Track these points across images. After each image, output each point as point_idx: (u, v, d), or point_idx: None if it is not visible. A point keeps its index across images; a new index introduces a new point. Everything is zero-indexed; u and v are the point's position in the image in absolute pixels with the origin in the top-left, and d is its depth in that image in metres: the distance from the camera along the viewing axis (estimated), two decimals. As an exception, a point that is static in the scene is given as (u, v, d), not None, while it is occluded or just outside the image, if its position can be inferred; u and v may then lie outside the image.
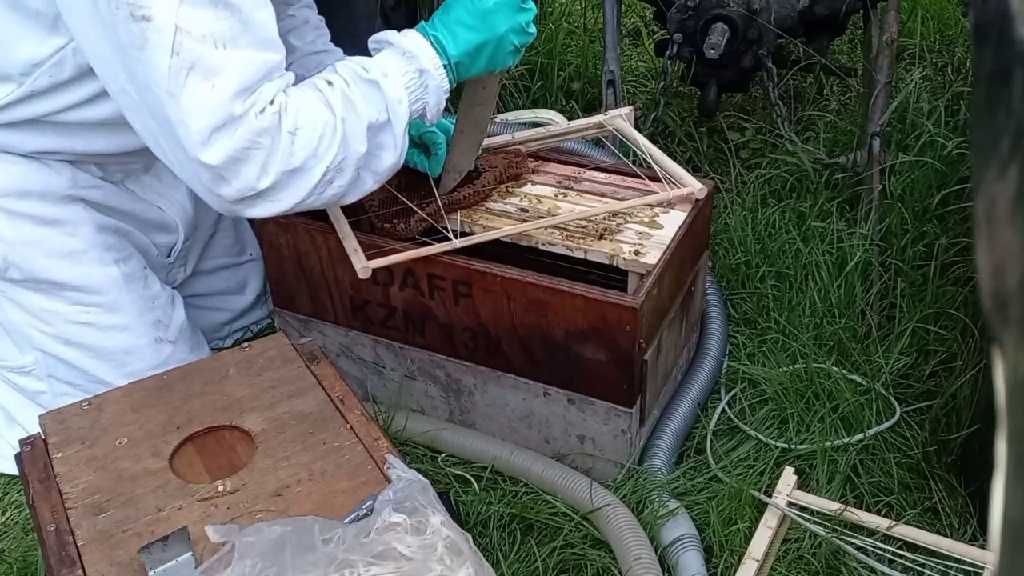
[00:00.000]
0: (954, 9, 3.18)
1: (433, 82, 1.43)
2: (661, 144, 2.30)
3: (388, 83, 1.39)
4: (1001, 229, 0.38)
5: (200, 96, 1.25)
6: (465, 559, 1.00)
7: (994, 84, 0.40)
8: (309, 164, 1.34)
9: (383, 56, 1.43)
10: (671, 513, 1.51)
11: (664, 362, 1.66)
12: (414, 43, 1.43)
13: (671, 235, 1.60)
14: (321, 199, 1.40)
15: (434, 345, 1.66)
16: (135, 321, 1.66)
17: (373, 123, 1.38)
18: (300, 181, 1.35)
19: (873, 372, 1.81)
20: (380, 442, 1.24)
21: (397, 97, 1.40)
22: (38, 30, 1.40)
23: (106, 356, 1.66)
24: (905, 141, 2.29)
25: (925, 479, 1.62)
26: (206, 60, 1.25)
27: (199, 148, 1.27)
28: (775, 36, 2.37)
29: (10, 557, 1.56)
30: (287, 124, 1.31)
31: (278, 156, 1.31)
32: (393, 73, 1.41)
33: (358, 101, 1.37)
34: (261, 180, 1.32)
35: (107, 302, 1.64)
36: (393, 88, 1.40)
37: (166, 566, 1.03)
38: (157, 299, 1.71)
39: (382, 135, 1.40)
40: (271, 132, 1.30)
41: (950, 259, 2.01)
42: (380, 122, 1.39)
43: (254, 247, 2.06)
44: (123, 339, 1.66)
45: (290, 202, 1.37)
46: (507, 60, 1.49)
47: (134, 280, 1.67)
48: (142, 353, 1.67)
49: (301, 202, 1.38)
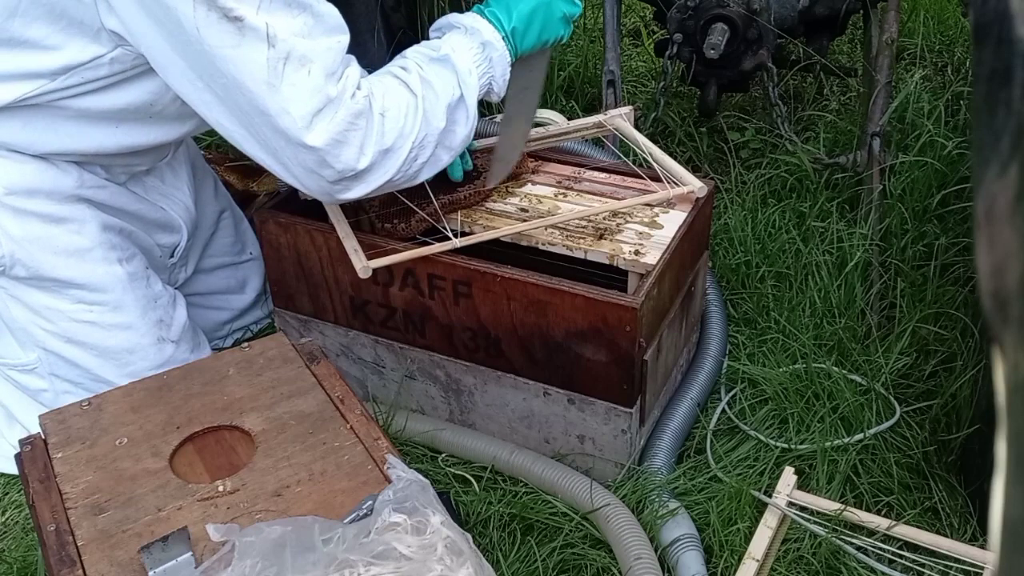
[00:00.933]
0: (954, 9, 3.18)
1: (496, 53, 1.52)
2: (661, 144, 2.30)
3: (457, 58, 1.49)
4: (1001, 229, 0.38)
5: (299, 83, 1.33)
6: (465, 559, 1.00)
7: (994, 84, 0.40)
8: (398, 143, 1.43)
9: (448, 37, 1.53)
10: (671, 513, 1.51)
11: (664, 362, 1.66)
12: (474, 20, 1.53)
13: (671, 235, 1.60)
14: (407, 176, 1.48)
15: (434, 345, 1.66)
16: (138, 320, 1.67)
17: (450, 100, 1.48)
18: (391, 160, 1.44)
19: (873, 372, 1.81)
20: (380, 442, 1.24)
21: (467, 69, 1.49)
22: (80, 38, 1.41)
23: (108, 355, 1.66)
24: (905, 141, 2.29)
25: (925, 479, 1.62)
26: (298, 50, 1.33)
27: (303, 132, 1.35)
28: (775, 36, 2.37)
29: (10, 557, 1.56)
30: (377, 107, 1.40)
31: (373, 137, 1.40)
32: (460, 49, 1.50)
33: (434, 80, 1.47)
34: (360, 160, 1.40)
35: (111, 301, 1.64)
36: (462, 62, 1.49)
37: (166, 566, 1.03)
38: (159, 299, 1.71)
39: (458, 110, 1.49)
40: (365, 114, 1.38)
41: (950, 259, 2.01)
42: (455, 98, 1.48)
43: (254, 246, 2.07)
44: (126, 338, 1.66)
45: (381, 180, 1.45)
46: (558, 29, 1.57)
47: (137, 279, 1.67)
48: (144, 352, 1.67)
49: (391, 180, 1.46)
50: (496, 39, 1.52)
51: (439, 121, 1.46)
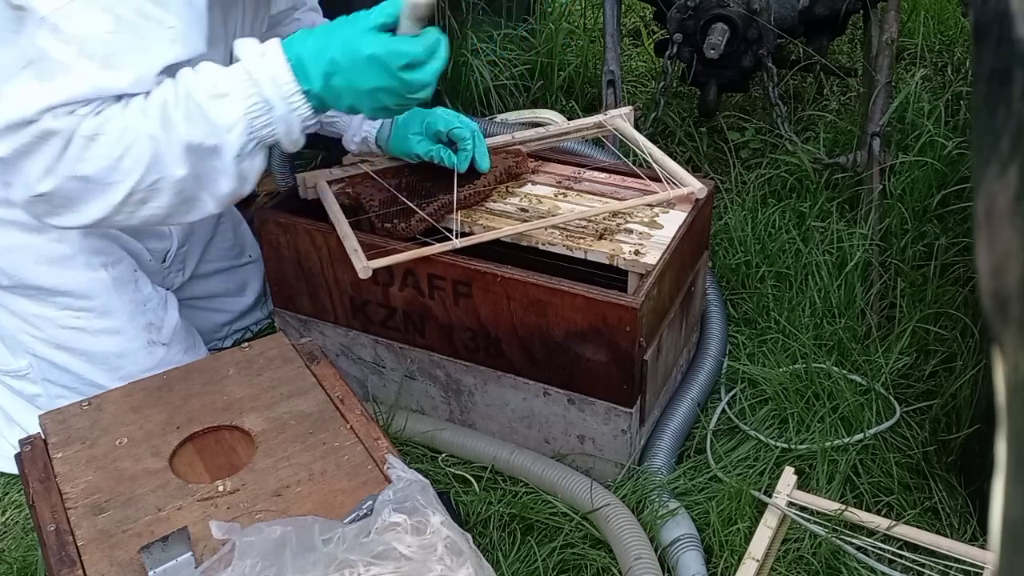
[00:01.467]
0: (954, 9, 3.18)
1: (281, 112, 1.29)
2: (661, 144, 2.30)
3: (219, 107, 1.26)
4: (1001, 229, 0.38)
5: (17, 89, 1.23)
6: (465, 559, 1.00)
7: (994, 84, 0.40)
8: (109, 177, 1.26)
9: (232, 72, 1.29)
10: (671, 513, 1.51)
11: (664, 362, 1.66)
12: (266, 65, 1.28)
13: (671, 235, 1.60)
14: (136, 218, 1.32)
15: (434, 345, 1.66)
16: (126, 324, 1.66)
17: (194, 144, 1.27)
18: (100, 195, 1.28)
19: (873, 372, 1.81)
20: (380, 442, 1.24)
21: (227, 124, 1.27)
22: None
23: (98, 360, 1.65)
24: (905, 141, 2.29)
25: (925, 479, 1.62)
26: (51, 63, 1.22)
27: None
28: (775, 36, 2.36)
29: (10, 557, 1.56)
30: (86, 128, 1.24)
31: (65, 160, 1.24)
32: (234, 94, 1.27)
33: (178, 120, 1.26)
34: (42, 182, 1.25)
35: (97, 306, 1.63)
36: (225, 113, 1.27)
37: (166, 566, 1.03)
38: (149, 302, 1.70)
39: (209, 162, 1.29)
40: (63, 135, 1.23)
41: (950, 259, 2.01)
42: (206, 146, 1.27)
43: (253, 249, 2.06)
44: (115, 342, 1.66)
45: (95, 215, 1.30)
46: (378, 115, 1.37)
47: (123, 284, 1.65)
48: (135, 356, 1.67)
49: (108, 217, 1.31)
50: (286, 96, 1.28)
51: (177, 168, 1.27)
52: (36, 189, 1.27)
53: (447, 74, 2.55)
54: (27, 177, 1.26)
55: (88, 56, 1.22)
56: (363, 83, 1.30)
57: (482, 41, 2.59)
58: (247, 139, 1.29)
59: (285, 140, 1.33)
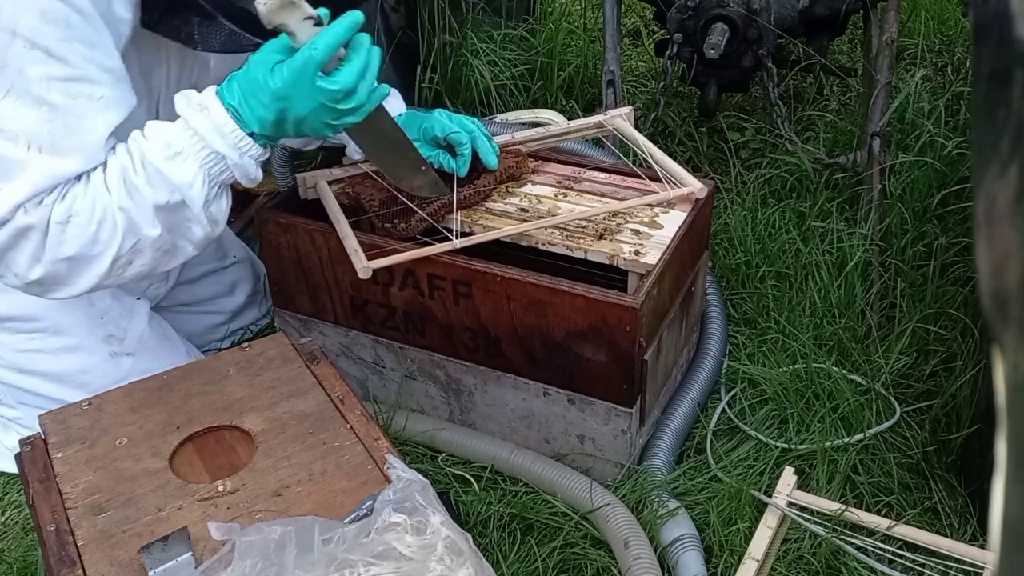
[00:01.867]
0: (954, 9, 3.18)
1: (234, 159, 1.34)
2: (661, 144, 2.30)
3: (175, 166, 1.32)
4: (1001, 229, 0.38)
5: None
6: (465, 559, 1.00)
7: (994, 84, 0.40)
8: (91, 251, 1.33)
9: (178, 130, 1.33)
10: (671, 513, 1.51)
11: (664, 362, 1.66)
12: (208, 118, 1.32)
13: (671, 235, 1.60)
14: (125, 278, 1.40)
15: (434, 345, 1.66)
16: (84, 339, 1.66)
17: (161, 205, 1.33)
18: (88, 267, 1.35)
19: (873, 372, 1.81)
20: (380, 442, 1.24)
21: (187, 182, 1.32)
22: None
23: (63, 379, 1.65)
24: (905, 141, 2.29)
25: (925, 479, 1.62)
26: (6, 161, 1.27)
27: None
28: (775, 36, 2.36)
29: (10, 557, 1.56)
30: (57, 215, 1.30)
31: (48, 248, 1.31)
32: (186, 151, 1.32)
33: (141, 186, 1.32)
34: (32, 270, 1.33)
35: (48, 326, 1.63)
36: (182, 171, 1.32)
37: (166, 566, 1.03)
38: (107, 314, 1.69)
39: (180, 214, 1.35)
40: (39, 227, 1.30)
41: (950, 259, 2.01)
42: (172, 203, 1.33)
43: (238, 250, 2.06)
44: (75, 359, 1.65)
45: (86, 285, 1.37)
46: (319, 132, 1.36)
47: (74, 301, 1.63)
48: (100, 369, 1.66)
49: (100, 284, 1.38)
50: (232, 144, 1.32)
51: (150, 229, 1.33)
52: (28, 278, 1.34)
53: (447, 74, 2.55)
54: (17, 269, 1.33)
55: (37, 148, 1.28)
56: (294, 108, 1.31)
57: (482, 41, 2.59)
58: (209, 188, 1.35)
59: (244, 180, 1.38)
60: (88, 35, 1.28)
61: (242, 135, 1.33)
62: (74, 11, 1.26)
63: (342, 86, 1.30)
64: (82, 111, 1.29)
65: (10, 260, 1.33)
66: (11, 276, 1.36)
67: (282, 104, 1.30)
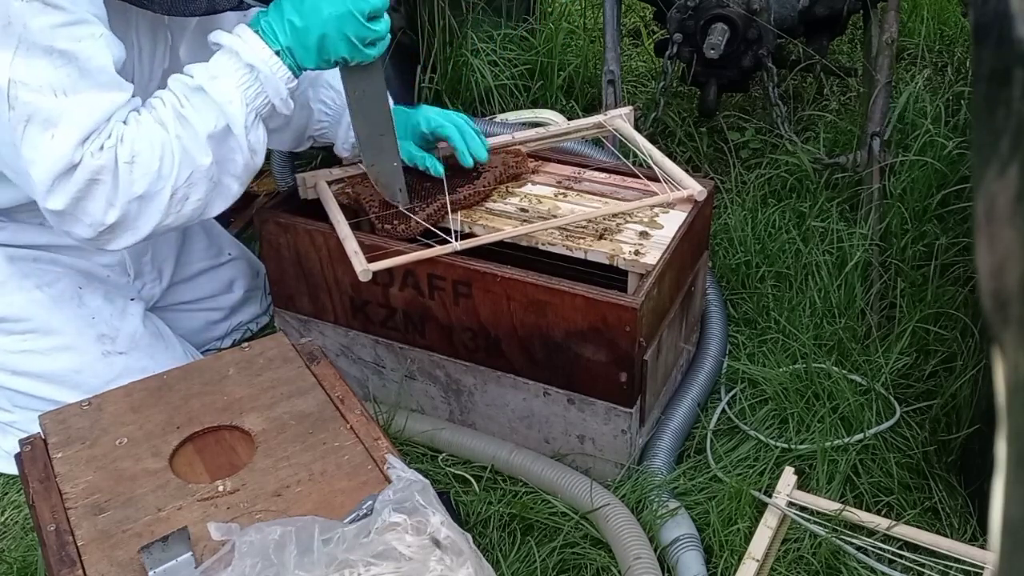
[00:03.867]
0: (954, 9, 3.18)
1: (266, 74, 1.43)
2: (661, 144, 2.30)
3: (216, 86, 1.41)
4: (1001, 229, 0.38)
5: (40, 147, 1.32)
6: (465, 559, 1.00)
7: (994, 84, 0.40)
8: (155, 187, 1.39)
9: (215, 58, 1.44)
10: (671, 513, 1.51)
11: (664, 362, 1.66)
12: (239, 39, 1.43)
13: (671, 235, 1.60)
14: (182, 216, 1.45)
15: (434, 345, 1.66)
16: (76, 339, 1.66)
17: (212, 132, 1.41)
18: (151, 205, 1.41)
19: (873, 372, 1.81)
20: (380, 442, 1.24)
21: (227, 99, 1.41)
22: None
23: (56, 379, 1.66)
24: (905, 141, 2.29)
25: (925, 479, 1.62)
26: (44, 111, 1.31)
27: (44, 197, 1.35)
28: (775, 36, 2.36)
29: (10, 557, 1.56)
30: (123, 155, 1.36)
31: (120, 189, 1.37)
32: (222, 74, 1.42)
33: (190, 115, 1.41)
34: (108, 214, 1.38)
35: (39, 326, 1.64)
36: (222, 90, 1.41)
37: (166, 566, 1.03)
38: (98, 314, 1.70)
39: (226, 141, 1.43)
40: (108, 168, 1.36)
41: (950, 259, 2.01)
42: (219, 128, 1.42)
43: (232, 247, 2.06)
44: (68, 359, 1.66)
45: (149, 227, 1.43)
46: (341, 50, 1.44)
47: (65, 300, 1.66)
48: (92, 369, 1.67)
49: (160, 223, 1.43)
50: (266, 59, 1.42)
51: (203, 157, 1.41)
52: (105, 222, 1.39)
53: (447, 74, 2.55)
54: (93, 216, 1.38)
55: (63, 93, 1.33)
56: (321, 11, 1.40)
57: (482, 41, 2.59)
58: (247, 110, 1.43)
59: (277, 101, 1.45)
60: None
61: (270, 52, 1.42)
62: None
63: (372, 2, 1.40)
64: (91, 51, 1.34)
65: (84, 209, 1.37)
66: (84, 227, 1.40)
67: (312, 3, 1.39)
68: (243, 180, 1.50)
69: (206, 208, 1.47)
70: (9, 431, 1.70)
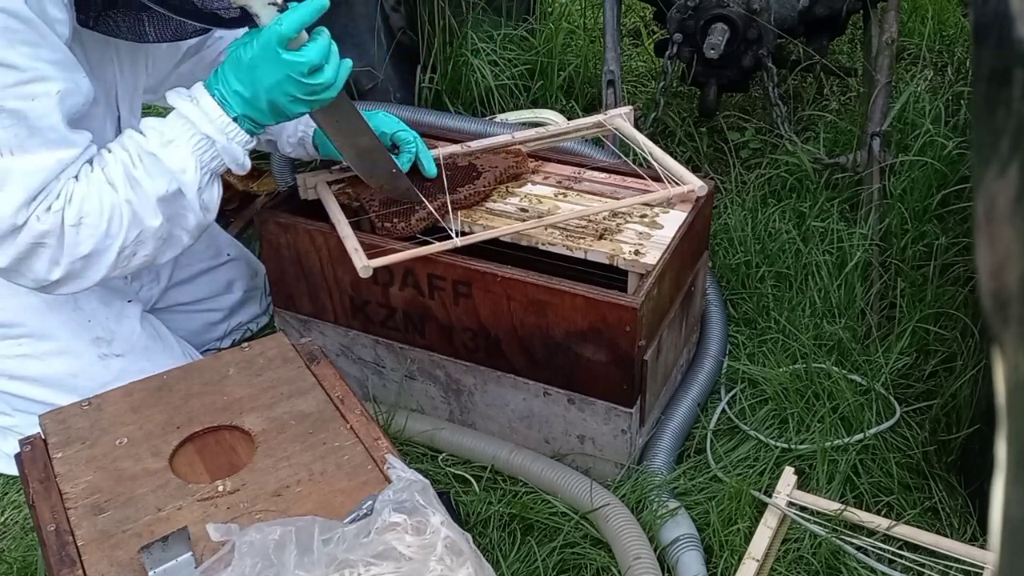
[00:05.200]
0: (954, 9, 3.18)
1: (223, 143, 1.42)
2: (661, 144, 2.29)
3: (170, 152, 1.41)
4: (1001, 229, 0.38)
5: None
6: (465, 559, 1.00)
7: (994, 84, 0.40)
8: (101, 246, 1.41)
9: (171, 120, 1.43)
10: (671, 513, 1.51)
11: (664, 362, 1.66)
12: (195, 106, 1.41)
13: (671, 235, 1.60)
14: (130, 268, 1.48)
15: (434, 345, 1.66)
16: (71, 343, 1.66)
17: (163, 196, 1.42)
18: (98, 262, 1.43)
19: (873, 372, 1.81)
20: (380, 442, 1.24)
21: (181, 167, 1.41)
22: None
23: (53, 383, 1.65)
24: (905, 141, 2.29)
25: (925, 479, 1.62)
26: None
27: None
28: (775, 36, 2.36)
29: (10, 557, 1.56)
30: (70, 217, 1.37)
31: (65, 249, 1.39)
32: (178, 139, 1.41)
33: (141, 178, 1.41)
34: (52, 272, 1.41)
35: (34, 331, 1.64)
36: (176, 158, 1.41)
37: (166, 566, 1.03)
38: (95, 316, 1.69)
39: (177, 203, 1.44)
40: (54, 232, 1.37)
41: (950, 259, 2.01)
42: (170, 192, 1.42)
43: (231, 247, 2.06)
44: (64, 363, 1.66)
45: (96, 278, 1.45)
46: (292, 108, 1.42)
47: (59, 304, 1.65)
48: (89, 372, 1.67)
49: (108, 275, 1.46)
50: (223, 128, 1.41)
51: (153, 220, 1.42)
52: (49, 279, 1.42)
53: (447, 74, 2.55)
54: (36, 274, 1.41)
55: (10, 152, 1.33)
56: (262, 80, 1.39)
57: (482, 41, 2.59)
58: (201, 174, 1.44)
59: (233, 165, 1.47)
60: (29, 37, 1.32)
61: (228, 120, 1.41)
62: (11, 16, 1.29)
63: (307, 59, 1.38)
64: (42, 109, 1.34)
65: (28, 266, 1.40)
66: (28, 280, 1.43)
67: (251, 75, 1.38)
68: (194, 235, 1.51)
69: (156, 259, 1.49)
70: (9, 435, 1.70)
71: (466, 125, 2.17)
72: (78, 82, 1.39)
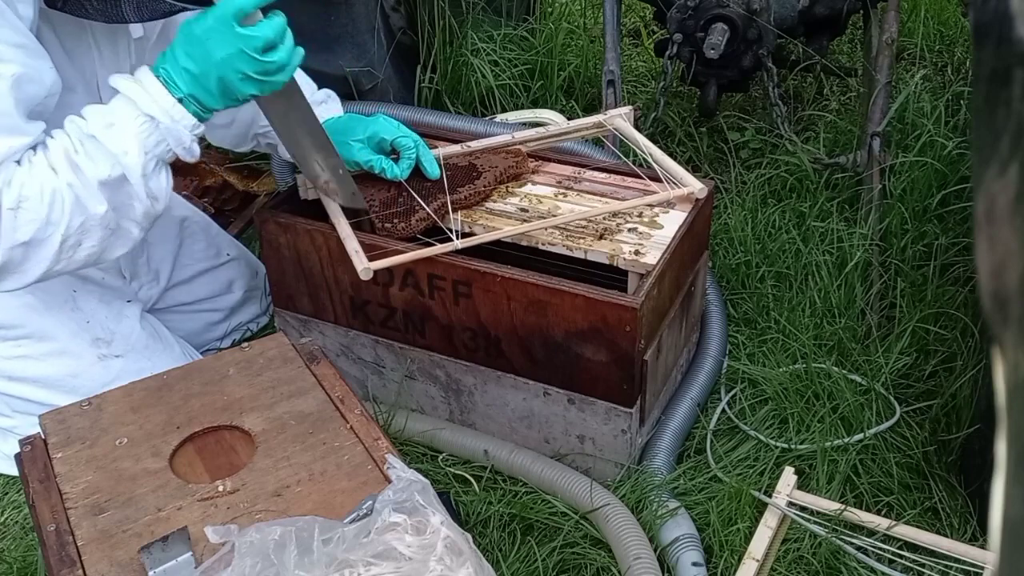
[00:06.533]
0: (954, 9, 3.18)
1: (167, 125, 1.37)
2: (661, 144, 2.29)
3: (111, 135, 1.35)
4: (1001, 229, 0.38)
5: None
6: (465, 559, 1.00)
7: (994, 84, 0.40)
8: (42, 234, 1.35)
9: (114, 103, 1.38)
10: (671, 513, 1.51)
11: (664, 362, 1.66)
12: (139, 87, 1.36)
13: (671, 235, 1.60)
14: (75, 262, 1.41)
15: (434, 345, 1.66)
16: (70, 343, 1.66)
17: (105, 180, 1.36)
18: (39, 252, 1.36)
19: (873, 372, 1.81)
20: (380, 442, 1.24)
21: (123, 149, 1.35)
22: None
23: (52, 384, 1.65)
24: (905, 141, 2.29)
25: (925, 479, 1.62)
26: None
27: None
28: (775, 36, 2.36)
29: (10, 557, 1.56)
30: (8, 200, 1.32)
31: (3, 234, 1.33)
32: (121, 121, 1.36)
33: (82, 162, 1.35)
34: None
35: (33, 332, 1.64)
36: (117, 140, 1.35)
37: (166, 566, 1.03)
38: (94, 317, 1.69)
39: (122, 190, 1.38)
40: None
41: (950, 259, 2.01)
42: (113, 177, 1.36)
43: (232, 247, 2.06)
44: (63, 363, 1.66)
45: (38, 272, 1.39)
46: (242, 88, 1.36)
47: (57, 305, 1.65)
48: (89, 373, 1.66)
49: (51, 269, 1.39)
50: (167, 109, 1.36)
51: (97, 206, 1.36)
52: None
53: (447, 74, 2.55)
54: None
55: None
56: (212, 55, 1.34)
57: (482, 41, 2.59)
58: (145, 158, 1.37)
59: (180, 150, 1.41)
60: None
61: (173, 100, 1.36)
62: None
63: (262, 34, 1.33)
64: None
65: None
66: None
67: (203, 48, 1.33)
68: (144, 226, 1.45)
69: (103, 253, 1.43)
70: (9, 436, 1.70)
71: (466, 125, 2.17)
72: (40, 70, 1.35)
